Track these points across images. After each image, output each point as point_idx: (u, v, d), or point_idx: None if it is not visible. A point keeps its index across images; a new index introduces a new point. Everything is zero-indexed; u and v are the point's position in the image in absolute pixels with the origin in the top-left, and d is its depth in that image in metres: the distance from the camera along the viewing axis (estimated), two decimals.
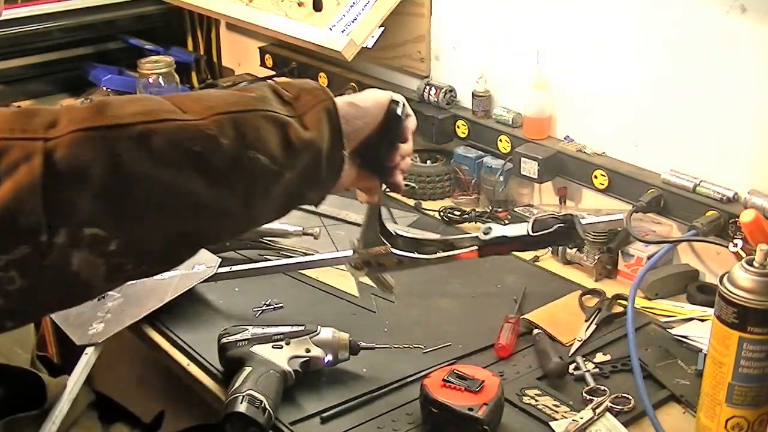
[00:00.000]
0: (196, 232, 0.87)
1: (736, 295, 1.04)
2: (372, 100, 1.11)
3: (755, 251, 1.05)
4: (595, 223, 1.51)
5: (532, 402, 1.23)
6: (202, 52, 2.66)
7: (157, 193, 0.80)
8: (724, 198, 1.47)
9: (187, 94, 0.90)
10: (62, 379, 1.30)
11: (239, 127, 0.86)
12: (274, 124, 0.89)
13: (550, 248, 1.63)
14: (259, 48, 2.44)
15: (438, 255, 1.25)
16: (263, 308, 1.47)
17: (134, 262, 0.83)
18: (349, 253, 1.32)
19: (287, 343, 1.26)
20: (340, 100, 1.00)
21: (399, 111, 1.13)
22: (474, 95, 1.85)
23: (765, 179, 1.43)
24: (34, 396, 1.24)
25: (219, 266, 1.49)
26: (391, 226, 1.25)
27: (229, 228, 0.92)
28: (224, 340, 1.28)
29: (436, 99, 1.91)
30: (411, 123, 1.18)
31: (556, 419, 1.19)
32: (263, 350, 1.25)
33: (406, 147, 1.18)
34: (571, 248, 1.60)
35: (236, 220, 0.90)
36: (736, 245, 1.12)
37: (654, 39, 1.54)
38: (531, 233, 1.20)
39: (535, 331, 1.37)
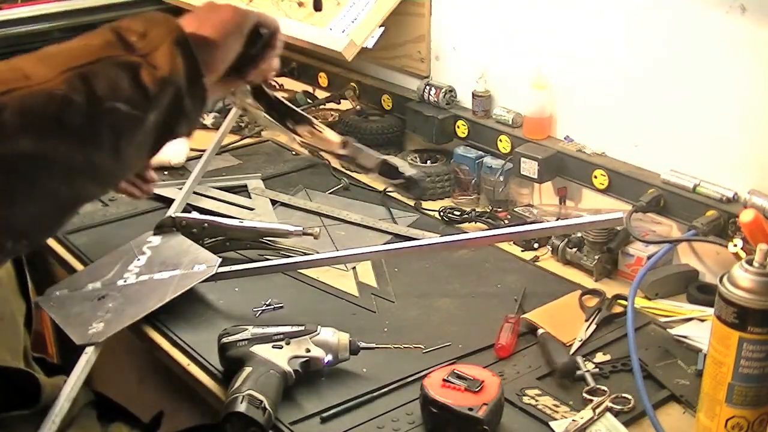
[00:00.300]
0: (73, 196, 0.86)
1: (736, 295, 1.04)
2: (232, 33, 1.03)
3: (755, 251, 1.05)
4: (594, 221, 1.51)
5: (532, 402, 1.23)
6: None
7: (21, 168, 0.78)
8: (724, 198, 1.47)
9: (32, 54, 0.85)
10: (58, 378, 1.30)
11: (89, 81, 0.83)
12: (125, 69, 0.87)
13: (550, 248, 1.63)
14: None
15: (302, 138, 1.29)
16: (263, 308, 1.47)
17: (13, 239, 0.81)
18: (349, 252, 1.33)
19: (287, 343, 1.26)
20: (192, 30, 0.95)
21: (260, 43, 1.09)
22: (474, 95, 1.85)
23: (765, 179, 1.43)
24: (30, 396, 1.23)
25: (219, 266, 1.48)
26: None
27: (104, 182, 0.91)
28: (224, 340, 1.28)
29: (436, 99, 1.91)
30: (278, 46, 1.13)
31: (556, 419, 1.19)
32: (263, 350, 1.25)
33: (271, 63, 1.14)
34: (570, 248, 1.60)
35: (110, 172, 0.89)
36: (736, 245, 1.12)
37: (654, 39, 1.54)
38: (379, 173, 1.28)
39: (539, 330, 1.37)
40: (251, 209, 1.83)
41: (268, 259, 1.60)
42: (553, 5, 1.69)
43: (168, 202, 1.82)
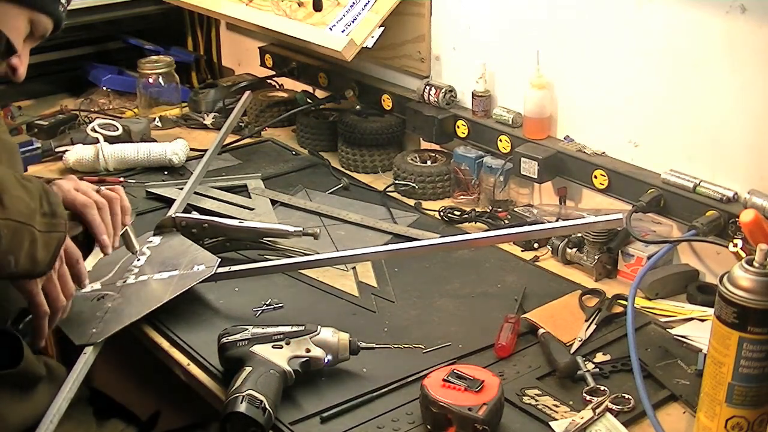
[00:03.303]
0: None
1: (736, 295, 1.04)
2: None
3: (755, 251, 1.05)
4: (594, 222, 1.51)
5: (532, 402, 1.23)
6: (202, 52, 2.67)
7: None
8: (724, 198, 1.47)
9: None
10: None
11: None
12: None
13: (550, 248, 1.63)
14: (259, 48, 2.44)
15: None
16: (263, 308, 1.47)
17: None
18: (349, 252, 1.32)
19: (287, 343, 1.26)
20: None
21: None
22: (474, 95, 1.85)
23: (765, 179, 1.43)
24: (12, 358, 1.25)
25: (218, 266, 1.48)
26: None
27: None
28: (224, 340, 1.28)
29: (436, 99, 1.91)
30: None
31: (556, 419, 1.19)
32: (263, 350, 1.25)
33: None
34: (570, 248, 1.60)
35: None
36: (736, 245, 1.11)
37: (654, 39, 1.54)
38: None
39: (541, 330, 1.37)
40: (251, 209, 1.83)
41: (268, 259, 1.60)
42: (553, 5, 1.69)
43: (168, 202, 1.82)
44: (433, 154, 1.96)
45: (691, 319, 1.43)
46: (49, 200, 1.20)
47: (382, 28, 1.94)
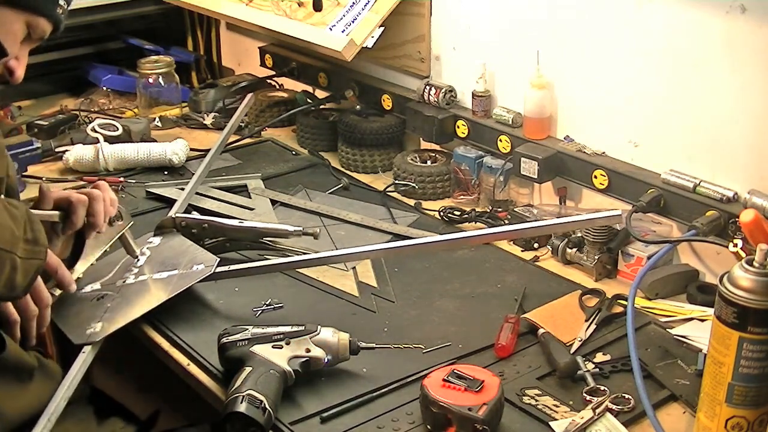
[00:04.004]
0: None
1: (736, 295, 1.04)
2: None
3: (755, 251, 1.05)
4: (592, 219, 1.50)
5: (532, 402, 1.23)
6: (202, 52, 2.67)
7: None
8: (724, 198, 1.47)
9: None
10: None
11: None
12: None
13: (550, 248, 1.63)
14: (259, 48, 2.44)
15: None
16: (263, 308, 1.47)
17: None
18: (349, 251, 1.31)
19: (287, 343, 1.26)
20: None
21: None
22: (474, 95, 1.85)
23: (765, 179, 1.43)
24: None
25: (218, 266, 1.48)
26: None
27: None
28: (224, 340, 1.28)
29: (436, 99, 1.91)
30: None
31: (556, 419, 1.19)
32: (263, 350, 1.25)
33: None
34: (570, 248, 1.60)
35: None
36: (736, 245, 1.11)
37: (654, 39, 1.54)
38: None
39: (541, 330, 1.37)
40: (251, 209, 1.83)
41: (267, 259, 1.60)
42: (553, 5, 1.69)
43: (168, 202, 1.82)
44: (433, 154, 1.96)
45: (691, 319, 1.43)
46: (32, 227, 1.21)
47: (382, 28, 1.94)
